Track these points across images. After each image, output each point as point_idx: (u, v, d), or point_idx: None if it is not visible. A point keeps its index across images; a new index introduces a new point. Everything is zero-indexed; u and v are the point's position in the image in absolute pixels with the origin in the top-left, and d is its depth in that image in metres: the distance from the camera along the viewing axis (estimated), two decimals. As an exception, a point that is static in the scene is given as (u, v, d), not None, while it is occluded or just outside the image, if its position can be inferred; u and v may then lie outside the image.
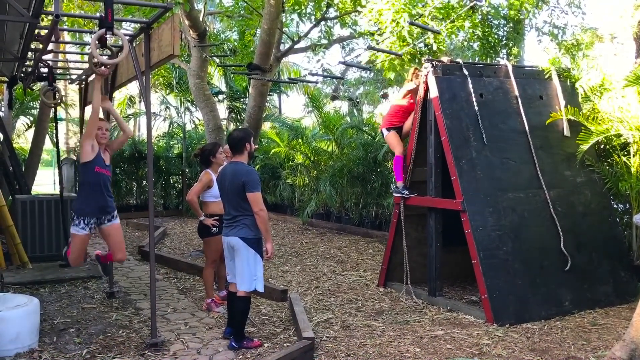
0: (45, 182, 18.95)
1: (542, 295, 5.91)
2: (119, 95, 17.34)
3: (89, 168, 5.38)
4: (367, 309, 6.20)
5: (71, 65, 8.72)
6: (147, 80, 5.07)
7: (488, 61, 9.17)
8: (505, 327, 5.48)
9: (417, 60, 7.96)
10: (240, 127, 12.86)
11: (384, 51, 7.50)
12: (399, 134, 6.97)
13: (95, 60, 4.84)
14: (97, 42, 4.70)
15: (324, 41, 11.92)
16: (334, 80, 20.96)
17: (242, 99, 15.65)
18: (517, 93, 6.69)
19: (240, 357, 4.78)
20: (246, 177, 4.85)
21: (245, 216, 4.89)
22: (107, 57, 5.35)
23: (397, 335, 5.30)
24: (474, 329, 5.45)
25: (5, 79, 8.34)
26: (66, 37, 10.24)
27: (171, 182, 15.41)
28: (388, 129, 7.01)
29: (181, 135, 15.36)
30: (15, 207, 8.28)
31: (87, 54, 6.99)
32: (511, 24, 9.82)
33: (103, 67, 5.13)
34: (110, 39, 4.97)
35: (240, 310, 5.00)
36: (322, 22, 11.05)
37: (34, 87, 10.14)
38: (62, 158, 13.98)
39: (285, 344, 5.02)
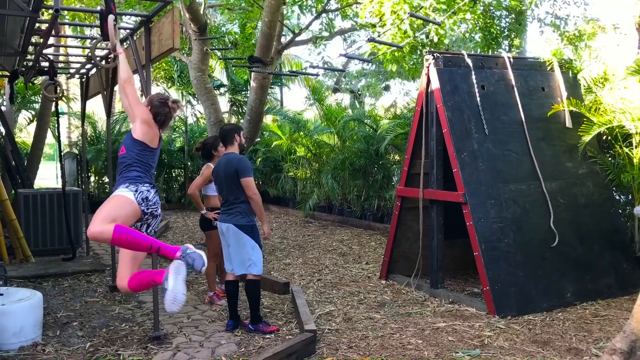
0: (48, 176, 18.96)
1: (543, 287, 5.92)
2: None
3: None
4: (369, 301, 6.22)
5: (72, 59, 8.71)
6: (148, 74, 5.07)
7: (490, 53, 9.14)
8: (507, 319, 5.49)
9: (418, 52, 7.93)
10: (242, 120, 12.84)
11: (384, 43, 7.47)
12: None
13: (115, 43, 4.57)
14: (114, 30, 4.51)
15: (325, 33, 11.88)
16: (336, 72, 20.92)
17: (243, 92, 15.61)
18: (518, 85, 6.67)
19: (243, 349, 4.80)
20: (238, 164, 5.11)
21: (239, 204, 5.13)
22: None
23: (399, 327, 5.32)
24: (476, 321, 5.46)
25: (7, 73, 8.34)
26: (67, 30, 10.21)
27: (173, 175, 15.43)
28: None
29: (183, 128, 15.36)
30: (17, 201, 8.30)
31: (87, 47, 6.99)
32: (513, 15, 9.79)
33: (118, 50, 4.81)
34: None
35: (249, 294, 5.21)
36: (323, 14, 11.01)
37: (35, 82, 10.13)
38: (64, 152, 13.99)
39: (287, 337, 5.04)
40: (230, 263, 5.27)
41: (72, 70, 8.73)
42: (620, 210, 7.02)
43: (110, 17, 4.43)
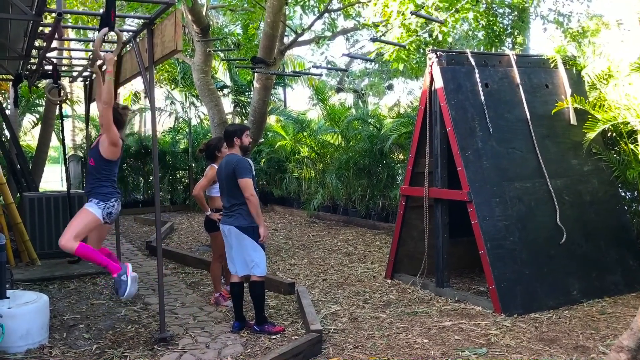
0: (53, 179, 19.03)
1: (550, 285, 5.90)
2: (124, 91, 17.34)
3: None
4: (374, 300, 6.21)
5: (75, 62, 8.74)
6: (151, 76, 5.08)
7: (493, 50, 9.12)
8: (513, 317, 5.48)
9: (421, 51, 7.91)
10: (246, 121, 12.85)
11: (388, 42, 7.46)
12: None
13: (95, 56, 4.92)
14: (102, 40, 4.71)
15: (328, 33, 11.87)
16: (339, 72, 20.90)
17: (247, 93, 15.63)
18: (522, 82, 6.66)
19: (249, 350, 4.80)
20: (236, 165, 5.12)
21: (241, 205, 5.13)
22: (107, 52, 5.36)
23: (405, 326, 5.31)
24: (482, 320, 5.45)
25: (11, 77, 8.37)
26: (70, 34, 10.25)
27: (178, 177, 15.44)
28: None
29: (187, 130, 15.37)
30: (23, 205, 8.32)
31: (91, 50, 7.00)
32: (516, 13, 9.75)
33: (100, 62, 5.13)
34: (112, 36, 5.00)
35: (255, 295, 5.21)
36: (326, 14, 11.00)
37: (39, 85, 10.16)
38: (68, 155, 14.03)
39: (293, 337, 5.04)
40: (233, 265, 5.27)
41: (75, 74, 8.75)
42: (626, 207, 6.99)
43: (103, 31, 4.56)
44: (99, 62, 5.43)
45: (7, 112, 10.63)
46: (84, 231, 4.88)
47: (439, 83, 6.28)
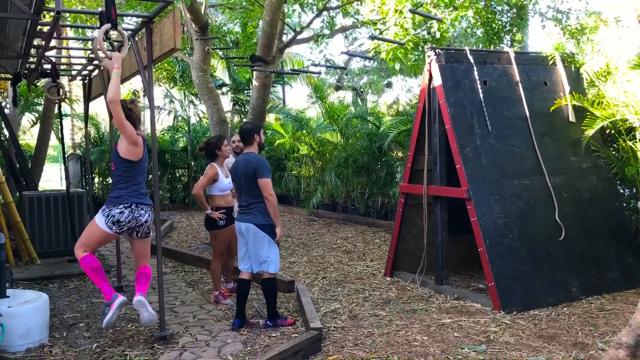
0: (52, 178, 19.02)
1: (549, 282, 5.92)
2: (123, 89, 17.27)
3: None
4: (374, 298, 6.22)
5: (74, 61, 8.73)
6: (150, 75, 5.08)
7: (492, 48, 9.12)
8: (513, 314, 5.49)
9: (420, 49, 7.92)
10: (244, 119, 12.86)
11: (386, 40, 7.47)
12: None
13: (102, 54, 4.83)
14: (103, 36, 4.66)
15: (326, 31, 11.87)
16: (338, 70, 20.88)
17: (245, 91, 15.62)
18: (521, 79, 6.66)
19: (249, 348, 4.81)
20: (257, 165, 5.11)
21: (258, 203, 5.15)
22: (109, 51, 5.34)
23: (404, 324, 5.32)
24: (481, 317, 5.46)
25: (9, 76, 8.36)
26: (69, 32, 10.25)
27: (177, 175, 15.45)
28: None
29: (186, 128, 15.36)
30: (22, 204, 8.33)
31: (89, 49, 7.00)
32: (515, 10, 9.76)
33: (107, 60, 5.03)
34: (113, 33, 4.98)
35: (266, 291, 5.27)
36: (324, 12, 11.00)
37: (38, 84, 10.15)
38: (67, 154, 14.02)
39: (293, 335, 5.05)
40: (246, 262, 5.27)
41: (74, 72, 8.75)
42: (624, 204, 7.00)
43: (104, 27, 4.52)
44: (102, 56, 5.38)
45: (6, 111, 10.61)
46: (89, 241, 4.73)
47: (437, 81, 6.28)
